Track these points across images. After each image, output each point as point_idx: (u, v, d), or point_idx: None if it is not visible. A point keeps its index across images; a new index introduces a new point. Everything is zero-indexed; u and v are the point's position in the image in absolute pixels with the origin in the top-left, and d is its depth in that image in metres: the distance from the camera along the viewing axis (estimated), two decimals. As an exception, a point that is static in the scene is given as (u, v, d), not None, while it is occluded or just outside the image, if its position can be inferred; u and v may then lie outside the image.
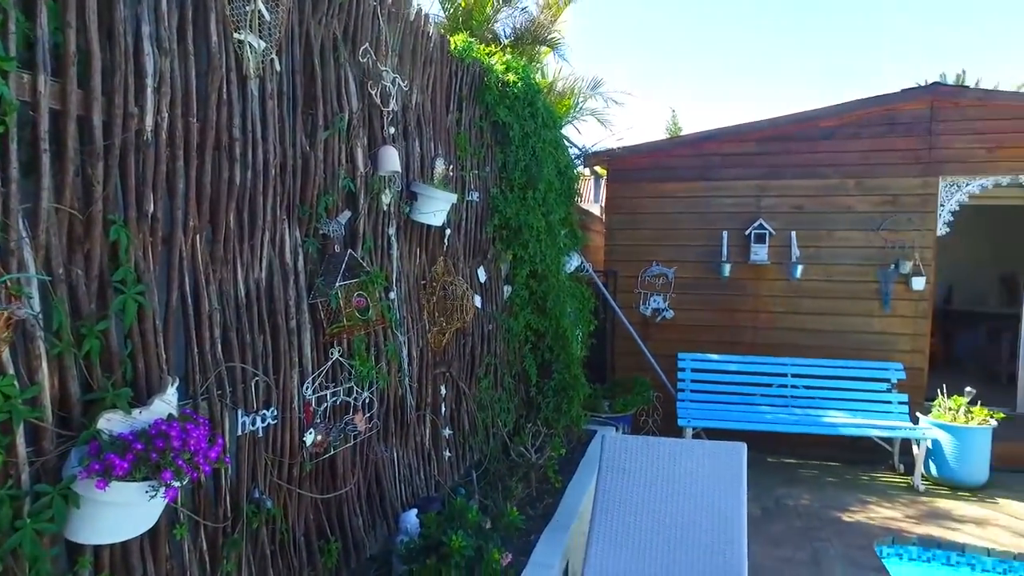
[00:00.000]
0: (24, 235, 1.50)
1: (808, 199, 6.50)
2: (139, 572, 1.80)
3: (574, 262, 5.63)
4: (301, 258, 2.41)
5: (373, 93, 2.84)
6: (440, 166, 3.50)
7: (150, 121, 1.80)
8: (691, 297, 6.79)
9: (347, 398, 2.65)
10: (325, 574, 2.56)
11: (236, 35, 2.09)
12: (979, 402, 5.62)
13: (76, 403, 1.63)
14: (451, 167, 3.66)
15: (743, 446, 3.28)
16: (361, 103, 2.77)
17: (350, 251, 2.58)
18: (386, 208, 2.98)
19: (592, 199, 13.36)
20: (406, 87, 3.12)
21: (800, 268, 6.42)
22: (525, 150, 4.47)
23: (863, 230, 6.39)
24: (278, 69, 2.29)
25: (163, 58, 1.83)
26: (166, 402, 1.78)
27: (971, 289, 9.73)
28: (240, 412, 2.12)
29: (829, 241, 6.47)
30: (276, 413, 2.27)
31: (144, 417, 1.72)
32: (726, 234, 6.62)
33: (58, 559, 1.61)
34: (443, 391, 3.58)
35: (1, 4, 1.44)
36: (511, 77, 4.31)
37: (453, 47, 3.71)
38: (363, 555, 2.83)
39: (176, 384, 1.82)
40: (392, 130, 3.01)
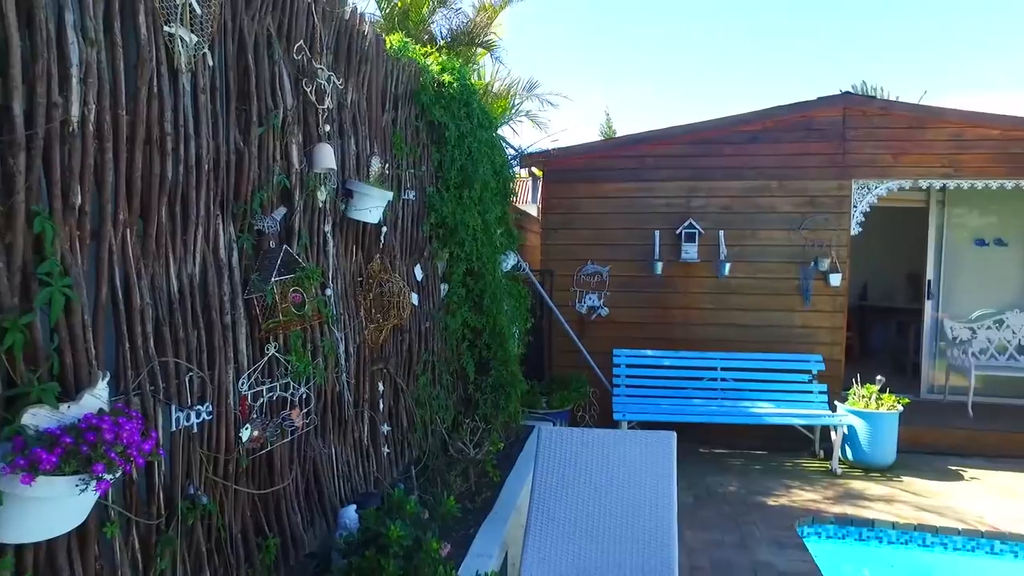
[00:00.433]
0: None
1: (735, 200, 6.81)
2: (66, 573, 1.77)
3: (511, 261, 5.72)
4: (236, 254, 2.40)
5: (308, 91, 2.84)
6: (376, 164, 3.52)
7: (76, 112, 1.77)
8: (625, 295, 6.99)
9: (284, 394, 2.64)
10: (263, 571, 2.55)
11: (166, 28, 2.07)
12: (888, 390, 6.01)
13: (-2, 398, 1.60)
14: (387, 166, 3.69)
15: (673, 435, 3.43)
16: (296, 100, 2.77)
17: (286, 247, 2.58)
18: (322, 205, 2.98)
19: (529, 200, 13.52)
20: (341, 85, 3.13)
21: (728, 266, 6.71)
22: (461, 150, 4.53)
23: (785, 229, 6.74)
24: (211, 64, 2.28)
25: (89, 48, 1.81)
26: (96, 397, 1.76)
27: (883, 286, 10.37)
28: (174, 407, 2.10)
29: (754, 240, 6.79)
30: (211, 409, 2.26)
31: (73, 412, 1.69)
32: (658, 233, 6.85)
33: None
34: (381, 387, 3.60)
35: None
36: (447, 77, 4.37)
37: (389, 47, 3.74)
38: (302, 551, 2.83)
39: (107, 379, 1.80)
40: (327, 128, 3.01)
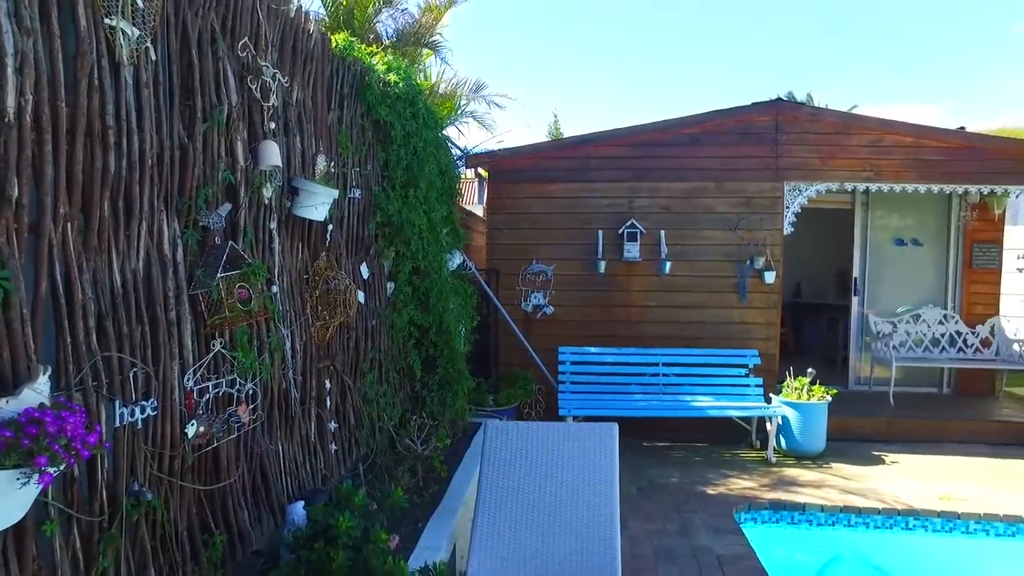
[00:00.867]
0: None
1: (675, 200, 7.04)
2: (1, 573, 1.74)
3: (456, 259, 5.78)
4: (180, 249, 2.39)
5: (253, 88, 2.84)
6: (322, 163, 3.53)
7: (11, 103, 1.75)
8: (570, 293, 7.14)
9: (230, 390, 2.64)
10: (210, 568, 2.54)
11: (107, 20, 2.06)
12: (818, 382, 6.33)
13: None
14: (333, 164, 3.70)
15: (615, 426, 3.53)
16: (241, 97, 2.77)
17: (231, 243, 2.58)
18: (267, 202, 2.98)
19: (476, 201, 13.59)
20: (287, 83, 3.14)
21: (669, 264, 6.94)
22: (407, 149, 4.56)
23: (723, 229, 7.01)
24: (153, 58, 2.27)
25: (24, 37, 1.78)
26: (37, 391, 1.74)
27: (815, 284, 10.86)
28: (118, 403, 2.08)
29: (694, 239, 7.04)
30: (156, 404, 2.24)
31: (12, 407, 1.67)
32: (601, 233, 7.02)
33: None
34: (328, 385, 3.61)
35: None
36: (392, 77, 4.40)
37: (334, 45, 3.75)
38: (249, 548, 2.82)
39: (48, 373, 1.78)
40: (273, 125, 3.02)
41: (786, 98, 18.27)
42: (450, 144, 7.34)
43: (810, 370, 6.42)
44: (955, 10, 47.62)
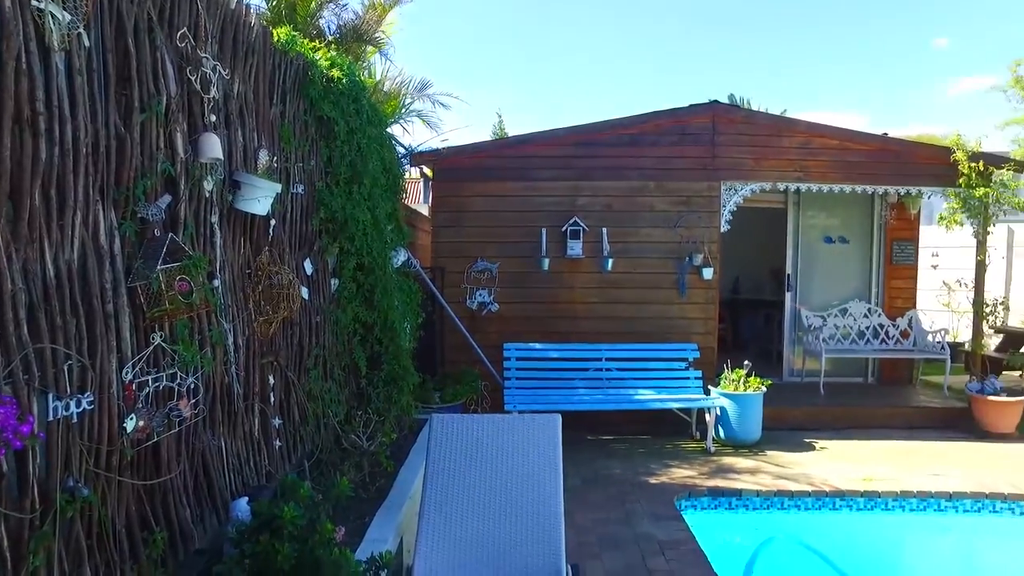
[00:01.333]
0: None
1: (617, 199, 7.21)
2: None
3: (401, 257, 5.78)
4: (118, 241, 2.34)
5: (193, 79, 2.80)
6: (264, 157, 3.50)
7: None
8: (515, 290, 7.22)
9: (171, 384, 2.59)
10: (150, 566, 2.49)
11: (35, 3, 2.00)
12: (754, 374, 6.59)
13: None
14: (275, 159, 3.67)
15: (558, 417, 3.60)
16: (180, 88, 2.73)
17: (171, 235, 2.54)
18: (208, 195, 2.94)
19: (421, 200, 13.55)
20: (227, 75, 3.10)
21: (611, 261, 7.10)
22: (350, 146, 4.55)
23: (663, 227, 7.22)
24: (87, 44, 2.22)
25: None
26: (-34, 383, 1.70)
27: (752, 280, 11.27)
28: (51, 396, 2.03)
29: (635, 237, 7.23)
30: (92, 398, 2.19)
31: (-61, 399, 1.63)
32: (545, 231, 7.14)
33: None
34: (272, 380, 3.57)
35: None
36: (336, 73, 4.38)
37: (276, 39, 3.72)
38: (191, 546, 2.78)
39: (-23, 365, 1.74)
40: (213, 118, 2.98)
41: (728, 101, 18.96)
42: (395, 142, 7.33)
43: (746, 362, 6.68)
44: (882, 25, 50.81)
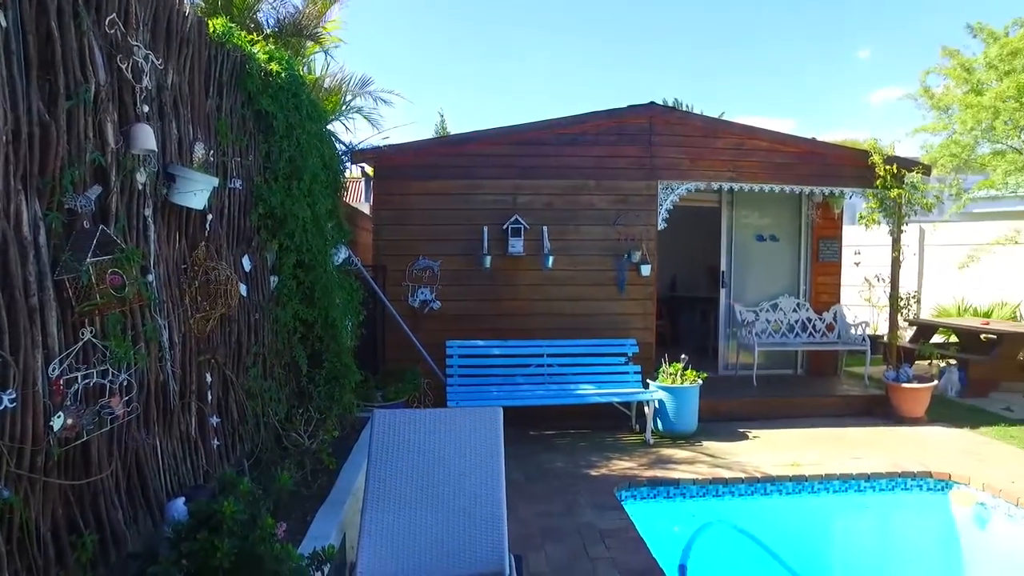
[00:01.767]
0: None
1: (557, 197, 7.33)
2: None
3: (342, 254, 5.73)
4: (43, 232, 2.26)
5: (124, 67, 2.73)
6: (200, 150, 3.43)
7: None
8: (457, 288, 7.25)
9: (102, 381, 2.51)
10: (78, 571, 2.41)
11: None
12: (690, 367, 6.81)
13: None
14: (212, 152, 3.59)
15: (499, 410, 3.62)
16: (110, 76, 2.65)
17: (102, 227, 2.47)
18: (141, 188, 2.86)
19: (363, 199, 13.40)
20: (161, 65, 3.03)
21: (552, 259, 7.21)
22: (290, 141, 4.49)
23: (602, 225, 7.38)
24: (4, 25, 2.13)
25: None
26: None
27: (689, 278, 11.61)
28: (-28, 393, 1.96)
29: (575, 235, 7.36)
30: (15, 395, 2.11)
31: None
32: (486, 229, 7.19)
33: None
34: (209, 378, 3.50)
35: None
36: (275, 67, 4.32)
37: (212, 30, 3.64)
38: (124, 549, 2.70)
39: None
40: (146, 108, 2.90)
41: (671, 103, 19.49)
42: (335, 139, 7.24)
43: (683, 357, 6.89)
44: (811, 35, 53.49)
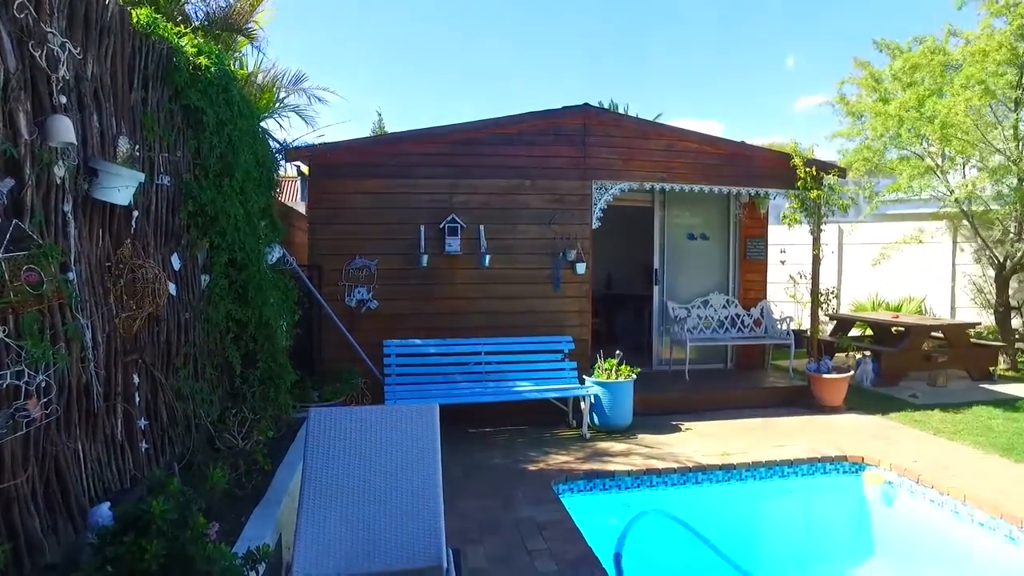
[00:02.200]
0: None
1: (493, 196, 7.39)
2: None
3: (276, 253, 5.63)
4: (-48, 226, 2.17)
5: (37, 55, 2.63)
6: (124, 145, 3.33)
7: None
8: (394, 287, 7.22)
9: (16, 382, 2.42)
10: (-10, 582, 2.32)
11: None
12: (625, 363, 6.99)
13: None
14: (137, 147, 3.49)
15: (435, 407, 3.64)
16: (21, 64, 2.55)
17: (16, 221, 2.38)
18: (60, 182, 2.76)
19: (299, 199, 13.15)
20: (79, 55, 2.93)
21: (488, 257, 7.27)
22: (220, 137, 4.39)
23: (538, 224, 7.48)
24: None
25: None
26: None
27: (625, 277, 11.89)
28: None
29: (512, 234, 7.44)
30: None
31: None
32: (423, 228, 7.19)
33: None
34: (137, 380, 3.39)
35: None
36: (203, 61, 4.21)
37: (136, 21, 3.53)
38: (41, 559, 2.59)
39: None
40: (64, 99, 2.80)
41: (607, 105, 19.86)
42: (269, 136, 7.10)
43: (618, 352, 7.06)
44: (742, 42, 55.60)
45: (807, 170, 7.96)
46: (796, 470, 5.82)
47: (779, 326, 8.86)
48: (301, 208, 10.18)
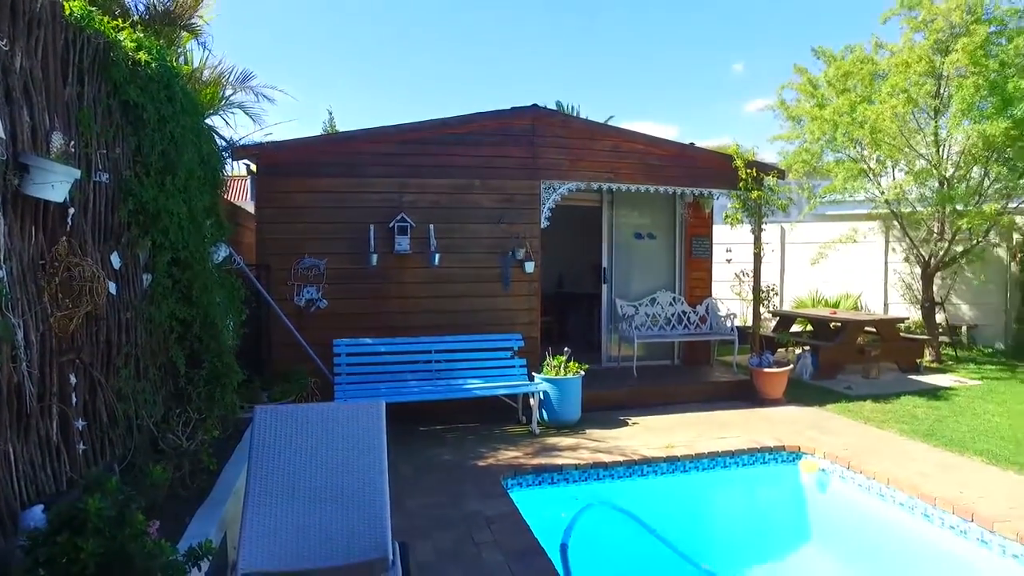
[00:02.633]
0: None
1: (443, 196, 7.44)
2: None
3: (222, 252, 5.56)
4: None
5: (-37, 48, 2.57)
6: (58, 140, 3.26)
7: None
8: (344, 287, 7.19)
9: (-56, 382, 2.37)
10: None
11: None
12: (573, 359, 7.12)
13: None
14: (72, 143, 3.42)
15: (381, 403, 3.68)
16: (-56, 56, 2.50)
17: (-57, 218, 2.33)
18: (-12, 178, 2.71)
19: (248, 198, 12.90)
20: (6, 47, 2.86)
21: (438, 256, 7.31)
22: (163, 134, 4.33)
23: (487, 223, 7.56)
24: None
25: None
26: None
27: (575, 276, 12.06)
28: None
29: (461, 233, 7.50)
30: None
31: None
32: (373, 227, 7.19)
33: None
34: (73, 380, 3.33)
35: None
36: (143, 56, 4.14)
37: (69, 13, 3.47)
38: (-34, 565, 2.54)
39: None
40: (-9, 92, 2.75)
41: (556, 107, 20.07)
42: (215, 134, 6.99)
43: (566, 349, 7.19)
44: (690, 47, 57.05)
45: (748, 171, 8.25)
46: (737, 460, 6.05)
47: (724, 323, 9.14)
48: (250, 207, 10.01)
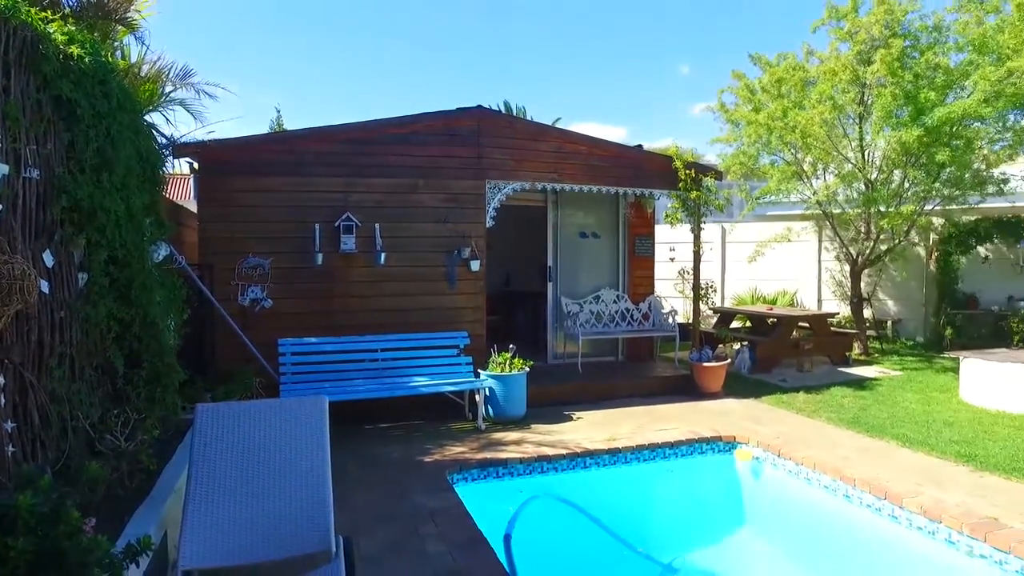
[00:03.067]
0: None
1: (389, 195, 7.48)
2: None
3: (162, 251, 5.48)
4: None
5: None
6: (-15, 136, 3.21)
7: None
8: (289, 286, 7.16)
9: None
10: None
11: None
12: (518, 356, 7.25)
13: None
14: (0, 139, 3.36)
15: (324, 399, 3.72)
16: None
17: None
18: (-88, 174, 2.66)
19: (192, 197, 12.62)
20: (-71, 41, 2.81)
21: (384, 255, 7.35)
22: (98, 130, 4.26)
23: (433, 222, 7.64)
24: None
25: None
26: None
27: (522, 275, 12.21)
28: None
29: (407, 232, 7.55)
30: None
31: None
32: (318, 226, 7.18)
33: None
34: (2, 380, 3.28)
35: None
36: (75, 50, 4.07)
37: (-7, 5, 3.40)
38: None
39: None
40: (-89, 87, 2.69)
41: (503, 107, 20.20)
42: (155, 131, 6.85)
43: (511, 346, 7.32)
44: (636, 50, 58.21)
45: (687, 172, 8.55)
46: (676, 451, 6.28)
47: (666, 320, 9.43)
48: (193, 206, 9.82)
